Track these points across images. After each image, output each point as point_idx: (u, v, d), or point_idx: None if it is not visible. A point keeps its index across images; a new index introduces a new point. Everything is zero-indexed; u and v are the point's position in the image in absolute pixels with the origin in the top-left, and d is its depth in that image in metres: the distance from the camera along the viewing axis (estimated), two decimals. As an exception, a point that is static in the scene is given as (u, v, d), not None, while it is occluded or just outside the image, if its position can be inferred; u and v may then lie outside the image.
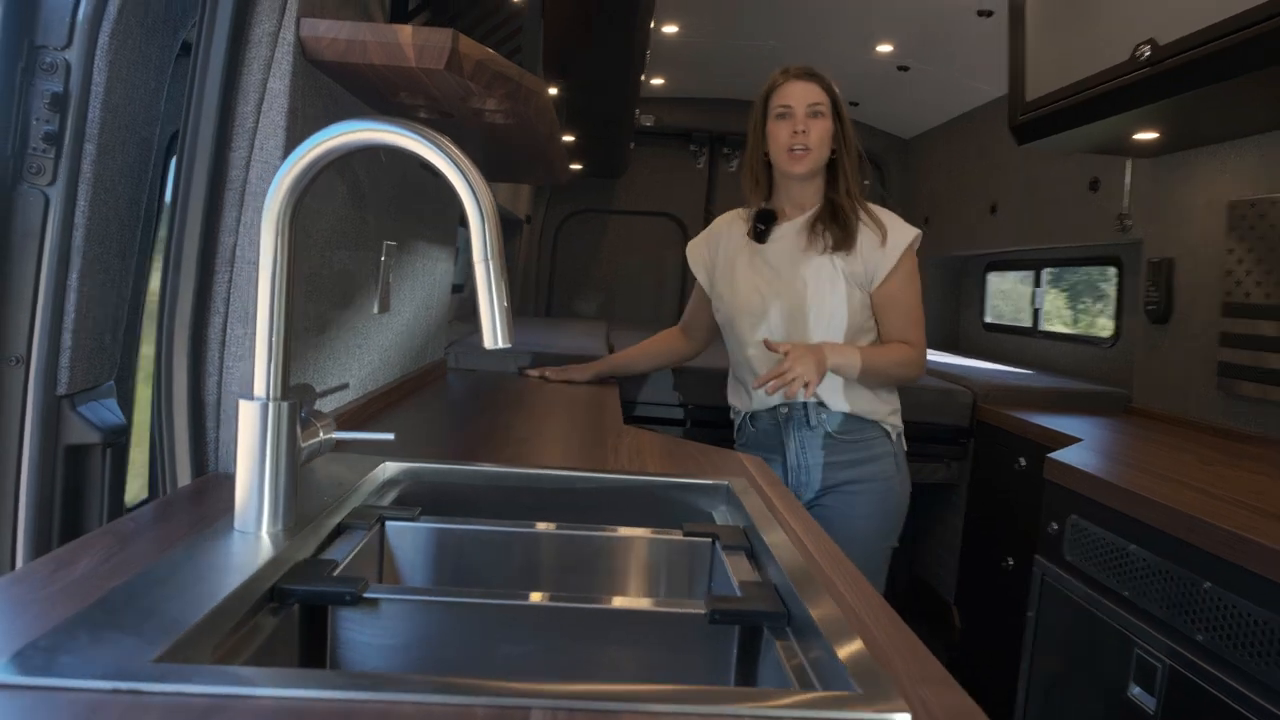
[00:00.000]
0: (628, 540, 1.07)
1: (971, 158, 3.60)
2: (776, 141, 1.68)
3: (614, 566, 1.07)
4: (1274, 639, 1.10)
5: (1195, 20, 1.61)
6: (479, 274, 0.82)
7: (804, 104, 1.65)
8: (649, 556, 1.07)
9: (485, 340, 0.83)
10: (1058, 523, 1.63)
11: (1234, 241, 2.07)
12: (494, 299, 0.82)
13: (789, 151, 1.66)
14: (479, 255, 0.82)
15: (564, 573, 1.06)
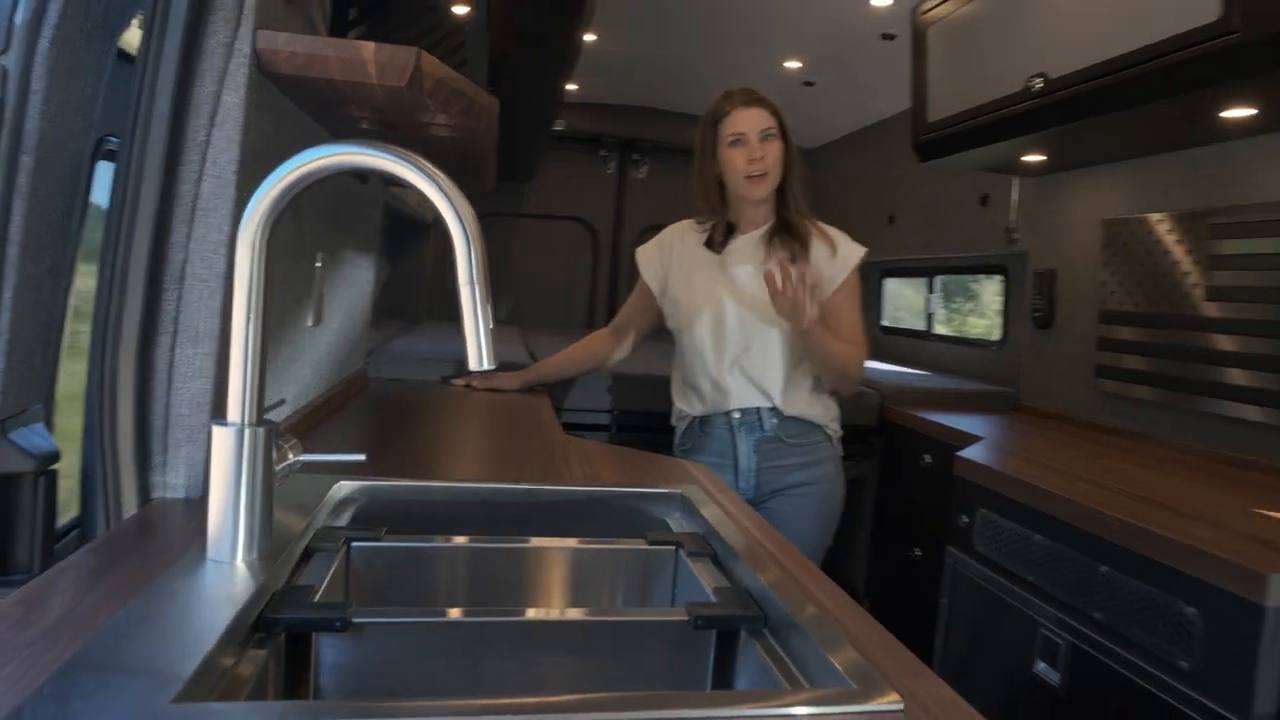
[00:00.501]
0: (593, 551, 1.10)
1: (871, 170, 3.80)
2: (734, 169, 1.75)
3: (581, 578, 1.09)
4: (1163, 615, 1.25)
5: (1082, 58, 1.78)
6: (464, 297, 0.83)
7: (757, 130, 1.73)
8: (614, 566, 1.10)
9: (471, 362, 0.84)
10: (967, 516, 1.77)
11: (1108, 255, 2.29)
12: (479, 321, 0.84)
13: (747, 178, 1.73)
14: (464, 279, 0.83)
15: (532, 586, 1.08)
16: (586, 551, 1.10)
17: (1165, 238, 2.10)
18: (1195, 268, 2.02)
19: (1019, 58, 1.99)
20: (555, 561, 1.09)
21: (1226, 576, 1.14)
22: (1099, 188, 2.37)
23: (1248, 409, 1.86)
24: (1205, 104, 1.67)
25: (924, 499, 2.32)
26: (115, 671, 0.59)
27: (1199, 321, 2.00)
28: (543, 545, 1.08)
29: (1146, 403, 2.17)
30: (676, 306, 1.88)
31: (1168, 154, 2.12)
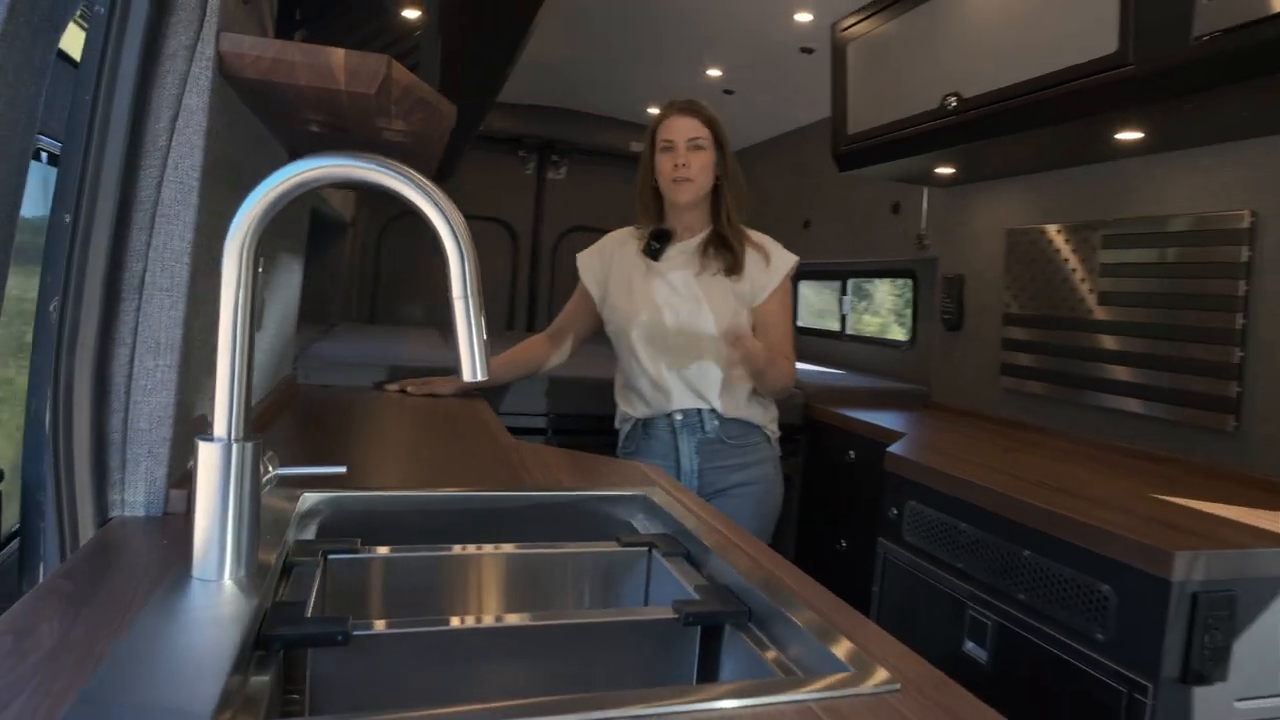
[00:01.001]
0: (567, 555, 1.12)
1: (788, 176, 3.94)
2: (661, 172, 1.80)
3: (557, 581, 1.11)
4: (1080, 592, 1.38)
5: (994, 81, 1.92)
6: (458, 310, 0.84)
7: (685, 137, 1.78)
8: (589, 568, 1.13)
9: (464, 374, 0.85)
10: (896, 508, 1.88)
11: (1011, 263, 2.47)
12: (473, 333, 0.84)
13: (672, 182, 1.78)
14: (458, 292, 0.84)
15: (509, 591, 1.09)
16: (561, 555, 1.12)
17: (1062, 246, 2.29)
18: (1088, 274, 2.20)
19: (935, 77, 2.12)
20: (531, 566, 1.11)
21: (1137, 556, 1.27)
22: (1002, 199, 2.56)
23: (1131, 402, 2.06)
24: (1101, 126, 1.83)
25: (849, 493, 2.44)
26: (140, 700, 0.57)
27: (1091, 324, 2.19)
28: (517, 551, 1.10)
29: (1046, 399, 2.35)
30: (616, 312, 1.92)
31: (1065, 170, 2.31)
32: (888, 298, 3.82)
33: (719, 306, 1.83)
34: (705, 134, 1.80)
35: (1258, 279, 1.79)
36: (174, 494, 1.01)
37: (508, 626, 0.86)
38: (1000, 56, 1.90)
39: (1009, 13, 1.89)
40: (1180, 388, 1.94)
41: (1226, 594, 1.22)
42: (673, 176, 1.79)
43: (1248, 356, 1.81)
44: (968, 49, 2.01)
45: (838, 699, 0.66)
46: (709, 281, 1.85)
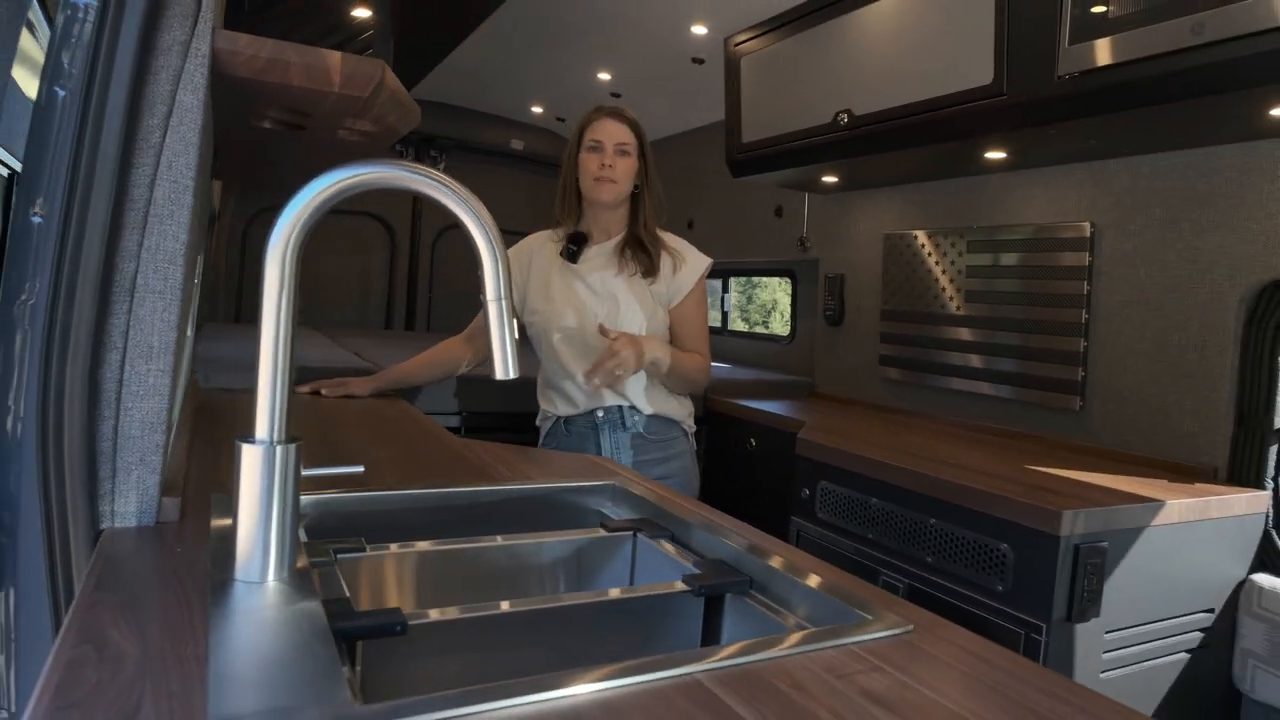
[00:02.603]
0: (555, 543, 1.18)
1: (673, 178, 4.09)
2: (586, 171, 1.86)
3: (549, 569, 1.17)
4: (982, 551, 1.59)
5: (884, 101, 2.13)
6: (492, 312, 0.89)
7: (613, 141, 1.85)
8: (576, 555, 1.19)
9: (497, 372, 0.90)
10: (809, 488, 2.06)
11: (888, 264, 2.74)
12: (505, 333, 0.89)
13: (595, 180, 1.85)
14: (493, 295, 0.88)
15: (510, 578, 1.14)
16: (550, 544, 1.18)
17: (933, 250, 2.57)
18: (956, 275, 2.49)
19: (828, 94, 2.32)
20: (523, 556, 1.16)
21: (1029, 517, 1.49)
22: (880, 206, 2.82)
23: (994, 387, 2.36)
24: (974, 146, 2.09)
25: (753, 479, 2.61)
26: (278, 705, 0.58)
27: (958, 319, 2.48)
28: (512, 542, 1.15)
29: (921, 386, 2.63)
30: (536, 315, 1.95)
31: (936, 181, 2.59)
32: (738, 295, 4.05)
33: (637, 306, 1.91)
34: (632, 141, 1.88)
35: (1096, 280, 2.12)
36: (166, 502, 0.99)
37: (541, 609, 0.92)
38: (890, 79, 2.12)
39: (898, 40, 2.11)
40: (1035, 374, 2.25)
41: (1100, 545, 1.47)
42: (596, 175, 1.85)
43: (1089, 346, 2.13)
44: (859, 70, 2.22)
45: (870, 641, 0.78)
46: (627, 282, 1.92)
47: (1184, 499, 1.60)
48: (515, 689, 0.61)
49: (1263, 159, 1.77)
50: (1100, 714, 0.66)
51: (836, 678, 0.70)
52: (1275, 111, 1.55)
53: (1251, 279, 1.79)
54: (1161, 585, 1.59)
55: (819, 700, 0.65)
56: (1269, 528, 1.76)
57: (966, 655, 0.77)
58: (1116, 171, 2.07)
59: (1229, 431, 1.84)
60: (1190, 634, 1.66)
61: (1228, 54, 1.41)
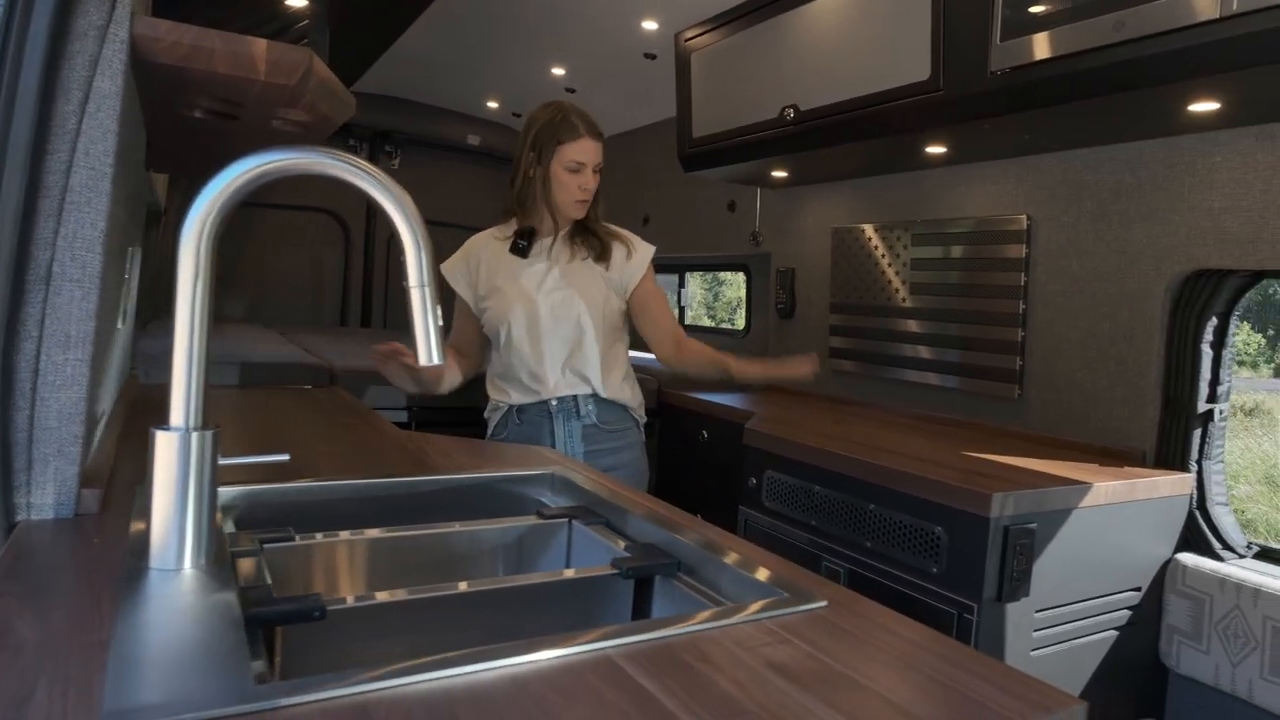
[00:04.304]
0: (489, 531, 1.19)
1: (627, 173, 4.10)
2: (566, 190, 1.87)
3: (483, 557, 1.18)
4: (918, 535, 1.63)
5: (828, 96, 2.17)
6: (415, 299, 0.89)
7: (594, 163, 1.88)
8: (511, 543, 1.20)
9: (420, 358, 0.90)
10: (755, 478, 2.09)
11: (837, 257, 2.78)
12: (429, 320, 0.90)
13: (576, 202, 1.89)
14: (415, 281, 0.89)
15: (445, 566, 1.14)
16: (484, 532, 1.18)
17: (880, 243, 2.61)
18: (901, 268, 2.54)
19: (775, 89, 2.35)
20: (457, 544, 1.16)
21: (962, 501, 1.53)
22: (829, 201, 2.86)
23: (937, 377, 2.41)
24: (914, 141, 2.13)
25: (704, 469, 2.63)
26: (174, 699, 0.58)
27: (903, 311, 2.53)
28: (443, 530, 1.15)
29: (868, 377, 2.68)
30: (491, 311, 1.94)
31: (882, 176, 2.63)
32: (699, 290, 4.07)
33: (590, 291, 1.92)
34: (603, 158, 1.91)
35: (1033, 271, 2.17)
36: (86, 494, 0.97)
37: (467, 593, 0.93)
38: (834, 75, 2.16)
39: (842, 36, 2.14)
40: (976, 364, 2.30)
41: (1029, 526, 1.51)
42: (579, 197, 1.88)
43: (1027, 336, 2.18)
44: (805, 66, 2.26)
45: (783, 616, 0.80)
46: (579, 268, 1.93)
47: (1111, 481, 1.66)
48: (421, 667, 0.62)
49: (1185, 153, 1.83)
50: (996, 679, 0.69)
51: (744, 650, 0.71)
52: (1193, 107, 1.61)
53: (1176, 269, 1.85)
54: (1090, 565, 1.65)
55: (724, 671, 0.67)
56: (1193, 508, 1.83)
57: (876, 629, 0.80)
58: (1051, 166, 2.13)
59: (1156, 416, 1.90)
60: (1119, 612, 1.72)
61: (1146, 50, 1.46)
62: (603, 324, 1.93)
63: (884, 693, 0.65)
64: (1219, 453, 1.88)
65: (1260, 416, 9.57)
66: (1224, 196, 1.76)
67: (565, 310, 1.91)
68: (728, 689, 0.64)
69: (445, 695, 0.59)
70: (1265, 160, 1.69)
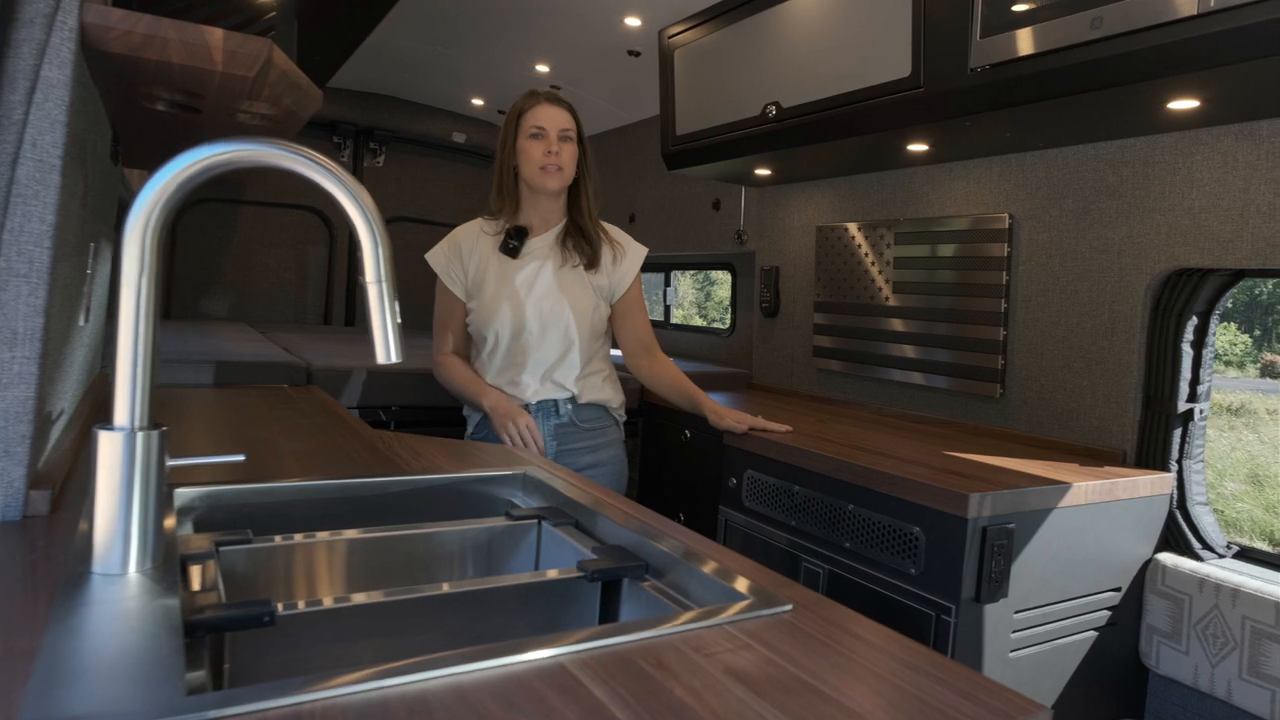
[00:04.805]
0: (457, 533, 1.16)
1: (613, 172, 4.08)
2: (530, 159, 1.82)
3: (449, 558, 1.15)
4: (896, 536, 1.62)
5: (810, 93, 2.15)
6: (372, 295, 0.87)
7: (556, 127, 1.82)
8: (479, 544, 1.18)
9: (378, 356, 0.88)
10: (735, 478, 2.07)
11: (820, 255, 2.77)
12: (386, 317, 0.87)
13: (542, 169, 1.81)
14: (372, 277, 0.86)
15: (411, 569, 1.12)
16: (451, 534, 1.16)
17: (863, 242, 2.60)
18: (884, 266, 2.53)
19: (757, 87, 2.33)
20: (423, 546, 1.14)
21: (941, 501, 1.52)
22: (812, 199, 2.85)
23: (920, 376, 2.40)
24: (896, 138, 2.12)
25: (686, 469, 2.61)
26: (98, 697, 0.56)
27: (886, 309, 2.51)
28: (409, 532, 1.13)
29: (851, 376, 2.66)
30: (478, 311, 1.91)
31: (865, 174, 2.62)
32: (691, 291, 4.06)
33: (579, 301, 1.90)
34: (573, 127, 1.86)
35: (1015, 270, 2.16)
36: (34, 495, 0.95)
37: (424, 597, 0.90)
38: (816, 72, 2.14)
39: (822, 34, 2.13)
40: (959, 363, 2.29)
41: (1007, 526, 1.50)
42: (543, 164, 1.81)
43: (1009, 335, 2.17)
44: (787, 63, 2.24)
45: (745, 620, 0.78)
46: (569, 275, 1.90)
47: (1091, 481, 1.65)
48: (361, 677, 0.60)
49: (1165, 152, 1.82)
50: (961, 686, 0.67)
51: (703, 656, 0.69)
52: (1173, 105, 1.60)
53: (1156, 267, 1.85)
54: (1069, 565, 1.64)
55: (679, 678, 0.65)
56: (1173, 508, 1.82)
57: (842, 633, 0.78)
58: (1033, 164, 2.12)
59: (1136, 416, 1.89)
60: (1098, 612, 1.71)
61: (1124, 47, 1.45)
62: (589, 334, 1.91)
63: (843, 700, 0.63)
64: (1199, 452, 1.87)
65: (1246, 415, 9.63)
66: (1204, 195, 1.76)
67: (554, 320, 1.88)
68: (682, 697, 0.62)
69: (382, 705, 0.57)
70: (1245, 159, 1.69)
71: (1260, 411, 9.54)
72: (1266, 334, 12.27)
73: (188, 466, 0.95)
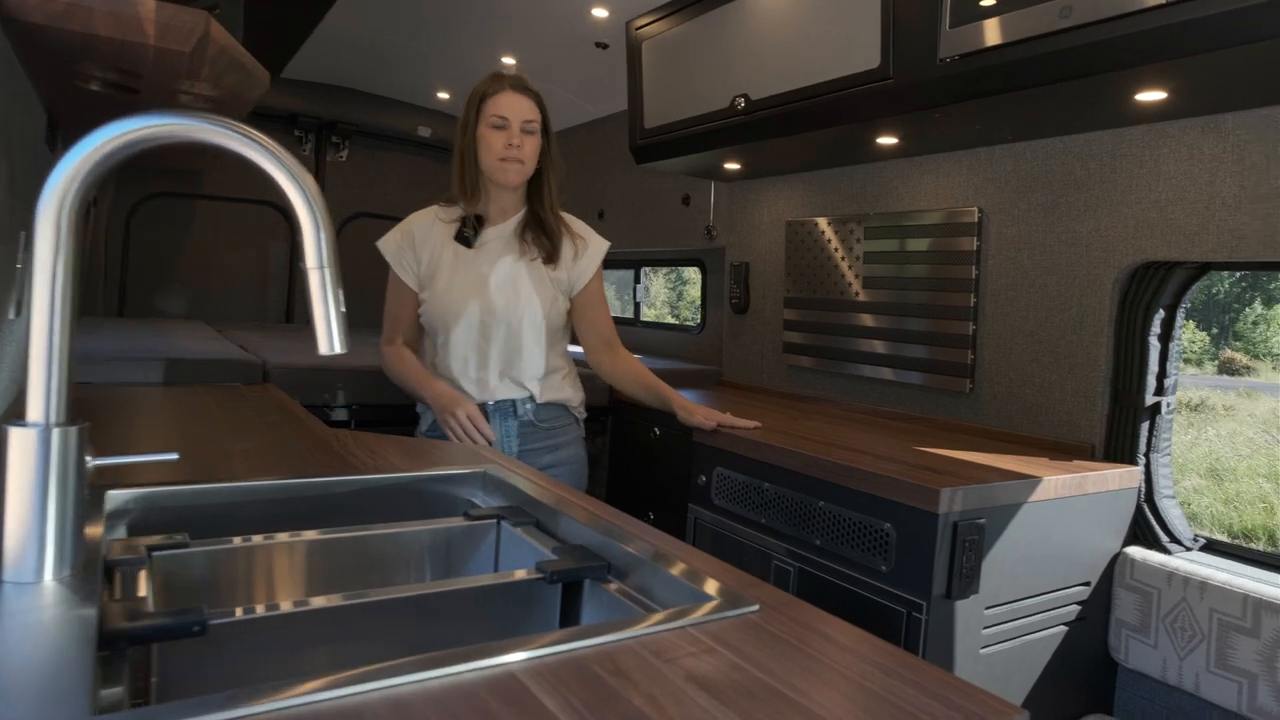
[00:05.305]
0: (411, 534, 1.11)
1: (582, 168, 4.03)
2: (490, 149, 1.74)
3: (403, 560, 1.10)
4: (867, 532, 1.59)
5: (779, 85, 2.12)
6: (313, 281, 0.82)
7: (520, 118, 1.74)
8: (435, 546, 1.13)
9: (321, 346, 0.83)
10: (705, 475, 2.04)
11: (790, 251, 2.74)
12: (329, 305, 0.82)
13: (501, 161, 1.74)
14: (313, 262, 0.81)
15: (356, 574, 1.06)
16: (405, 535, 1.11)
17: (832, 237, 2.58)
18: (854, 261, 2.51)
19: (726, 78, 2.30)
20: (374, 548, 1.09)
21: (911, 496, 1.49)
22: (782, 194, 2.82)
23: (890, 371, 2.38)
24: (865, 131, 2.10)
25: (656, 467, 2.58)
26: None
27: (856, 305, 2.50)
28: (359, 534, 1.07)
29: (821, 372, 2.64)
30: (432, 304, 1.84)
31: (834, 169, 2.60)
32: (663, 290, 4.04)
33: (538, 295, 1.84)
34: (538, 117, 1.79)
35: (984, 264, 2.15)
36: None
37: (371, 602, 0.85)
38: (784, 63, 2.11)
39: (790, 24, 2.10)
40: (929, 358, 2.28)
41: (978, 521, 1.48)
42: (503, 155, 1.74)
43: (978, 330, 2.16)
44: (755, 54, 2.21)
45: (709, 623, 0.74)
46: (527, 268, 1.84)
47: (1060, 475, 1.64)
48: (287, 690, 0.55)
49: (1132, 144, 1.82)
50: (931, 687, 0.64)
51: (664, 661, 0.65)
52: (1140, 96, 1.59)
53: (1124, 261, 1.84)
54: (1039, 560, 1.62)
55: (637, 686, 0.61)
56: (1141, 502, 1.82)
57: (810, 634, 0.74)
58: (1002, 158, 2.11)
59: (1105, 410, 1.89)
60: (1068, 607, 1.70)
61: (1092, 37, 1.44)
62: (547, 329, 1.85)
63: (810, 705, 0.59)
64: (1166, 446, 1.87)
65: (1205, 412, 9.84)
66: (1171, 188, 1.76)
67: (511, 314, 1.82)
68: (640, 706, 0.58)
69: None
70: (1211, 151, 1.69)
71: (1218, 408, 9.75)
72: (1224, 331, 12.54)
73: (116, 466, 0.88)
